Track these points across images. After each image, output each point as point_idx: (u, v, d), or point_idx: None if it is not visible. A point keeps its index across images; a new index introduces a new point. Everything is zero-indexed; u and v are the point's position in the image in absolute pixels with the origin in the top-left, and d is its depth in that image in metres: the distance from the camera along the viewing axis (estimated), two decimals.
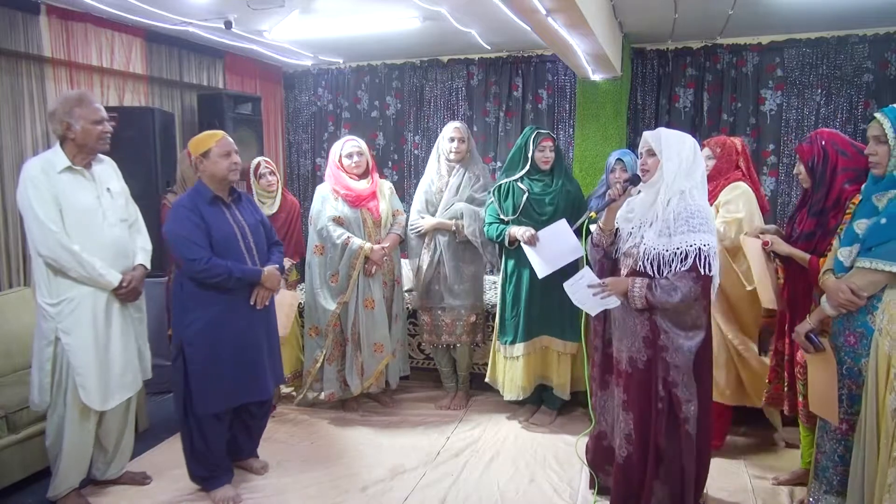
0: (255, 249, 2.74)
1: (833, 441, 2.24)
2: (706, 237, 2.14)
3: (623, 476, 2.41)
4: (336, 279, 3.52)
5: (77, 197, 2.53)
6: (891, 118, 2.01)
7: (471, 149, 3.65)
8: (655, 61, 5.08)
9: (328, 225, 3.49)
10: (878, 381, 1.99)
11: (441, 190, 3.63)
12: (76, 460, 2.64)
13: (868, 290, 2.02)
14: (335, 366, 3.63)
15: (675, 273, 2.15)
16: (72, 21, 3.95)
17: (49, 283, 2.51)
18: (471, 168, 3.63)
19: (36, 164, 2.52)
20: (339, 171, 3.54)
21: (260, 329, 2.78)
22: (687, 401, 2.22)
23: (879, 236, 1.98)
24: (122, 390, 2.69)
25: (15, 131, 3.80)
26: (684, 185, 2.20)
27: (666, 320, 2.22)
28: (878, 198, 2.05)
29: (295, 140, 6.20)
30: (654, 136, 2.28)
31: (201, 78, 5.07)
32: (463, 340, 3.67)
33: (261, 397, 2.84)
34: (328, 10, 3.97)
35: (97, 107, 2.57)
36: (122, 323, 2.69)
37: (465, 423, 3.59)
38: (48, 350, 2.54)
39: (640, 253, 2.24)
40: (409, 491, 2.86)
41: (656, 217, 2.22)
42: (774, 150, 4.87)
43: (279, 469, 3.04)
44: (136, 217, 2.83)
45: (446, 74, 5.61)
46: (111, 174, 2.74)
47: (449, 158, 3.59)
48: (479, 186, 3.63)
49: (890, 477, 1.94)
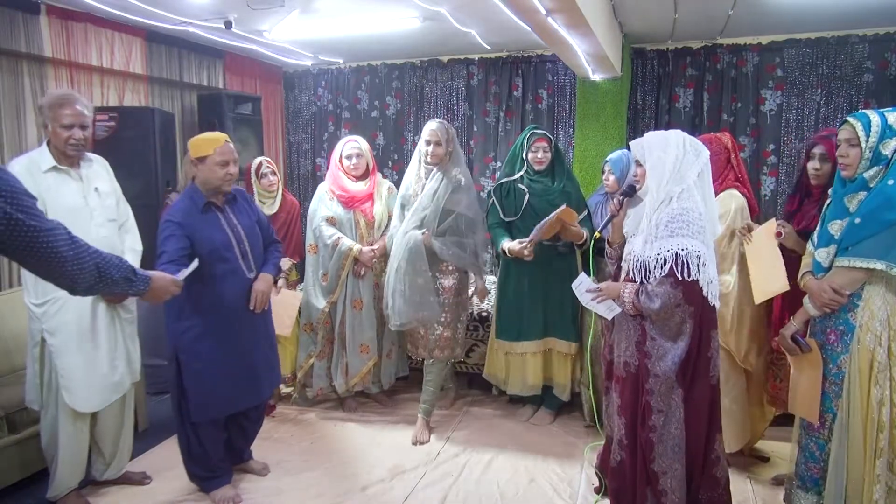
0: (251, 253, 2.70)
1: (808, 438, 2.30)
2: (685, 241, 2.08)
3: (616, 481, 2.40)
4: (326, 278, 3.53)
5: (63, 196, 2.49)
6: (863, 122, 2.11)
7: (451, 151, 3.35)
8: (655, 61, 5.08)
9: (321, 225, 3.51)
10: (861, 375, 2.10)
11: (417, 193, 3.38)
12: (72, 461, 2.63)
13: (849, 287, 2.12)
14: (324, 362, 3.65)
15: (656, 279, 2.13)
16: (72, 21, 3.95)
17: (35, 283, 2.49)
18: (450, 173, 3.33)
19: (20, 162, 2.49)
20: (338, 171, 3.55)
21: (256, 333, 2.76)
22: (658, 411, 2.19)
23: (855, 236, 2.10)
24: (109, 392, 2.65)
25: (15, 131, 3.80)
26: (674, 190, 2.16)
27: (653, 327, 2.20)
28: (850, 199, 2.15)
29: (295, 140, 6.20)
30: (637, 144, 2.26)
31: (201, 78, 5.07)
32: (436, 356, 3.39)
33: (256, 402, 2.84)
34: (328, 10, 3.97)
35: (74, 110, 2.47)
36: (110, 324, 2.64)
37: (465, 422, 3.59)
38: (35, 351, 2.54)
39: (631, 260, 2.25)
40: (409, 491, 2.86)
41: (644, 225, 2.22)
42: (774, 150, 4.87)
43: (279, 469, 3.04)
44: (126, 217, 2.79)
45: (446, 74, 5.61)
46: (101, 174, 2.68)
47: (426, 161, 3.37)
48: (466, 200, 3.32)
49: (878, 468, 2.05)
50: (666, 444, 2.20)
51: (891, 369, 2.06)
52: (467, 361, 3.96)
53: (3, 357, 3.15)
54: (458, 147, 3.42)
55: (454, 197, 3.29)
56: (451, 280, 3.36)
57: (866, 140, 2.09)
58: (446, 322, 3.37)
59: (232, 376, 2.65)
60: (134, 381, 2.81)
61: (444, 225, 3.30)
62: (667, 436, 2.20)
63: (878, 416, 2.06)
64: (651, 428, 2.21)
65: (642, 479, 2.28)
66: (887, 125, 2.08)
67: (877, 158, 2.09)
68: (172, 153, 4.37)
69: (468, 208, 3.32)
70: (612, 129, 4.78)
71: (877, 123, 2.09)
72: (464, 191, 3.33)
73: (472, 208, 3.35)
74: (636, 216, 2.31)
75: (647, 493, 2.29)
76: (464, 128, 5.63)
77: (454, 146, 3.37)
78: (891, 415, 2.06)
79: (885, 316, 2.08)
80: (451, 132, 3.36)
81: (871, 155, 2.09)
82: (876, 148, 2.08)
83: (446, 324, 3.37)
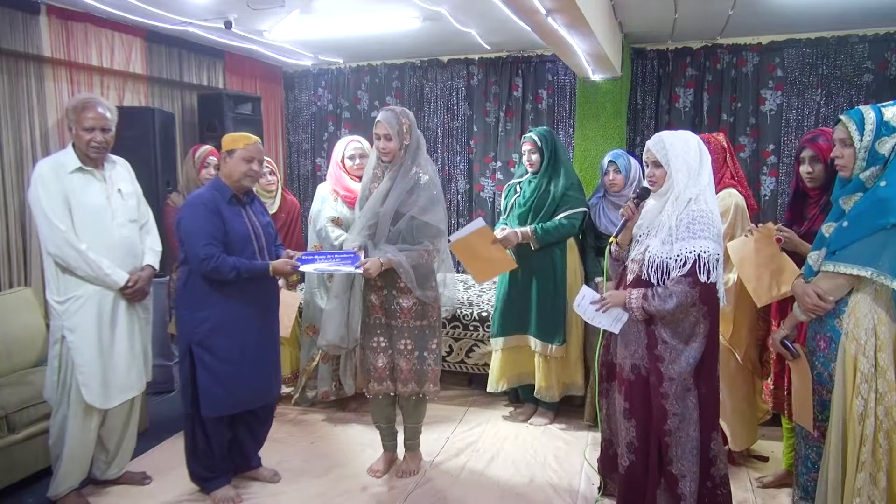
0: (266, 250, 2.76)
1: (807, 447, 2.24)
2: (706, 244, 2.10)
3: (626, 485, 2.39)
4: (332, 279, 3.52)
5: (87, 197, 2.57)
6: (856, 120, 1.99)
7: (406, 145, 2.74)
8: (655, 61, 5.09)
9: (326, 226, 3.49)
10: (846, 385, 1.99)
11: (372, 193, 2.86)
12: (78, 459, 2.65)
13: (833, 293, 2.01)
14: (330, 365, 3.64)
15: (673, 279, 2.13)
16: (72, 21, 3.96)
17: (57, 280, 2.55)
18: (407, 171, 2.74)
19: (47, 163, 2.57)
20: (340, 171, 3.54)
21: (267, 331, 2.77)
22: (674, 414, 2.19)
23: (842, 240, 1.99)
24: (126, 390, 2.70)
25: (15, 131, 3.80)
26: (693, 192, 2.18)
27: (665, 329, 2.20)
28: (845, 200, 2.05)
29: (295, 140, 6.20)
30: (658, 145, 2.23)
31: (201, 78, 5.07)
32: (400, 392, 2.86)
33: (268, 402, 2.85)
34: (328, 10, 3.97)
35: (96, 113, 2.56)
36: (129, 323, 2.70)
37: (465, 423, 3.59)
38: (55, 348, 2.57)
39: (645, 260, 2.23)
40: (410, 491, 2.86)
41: (663, 226, 2.21)
42: (774, 150, 4.87)
43: (279, 469, 3.03)
44: (147, 218, 2.87)
45: (446, 74, 5.61)
46: (124, 175, 2.77)
47: (381, 159, 2.80)
48: (421, 201, 2.71)
49: (859, 481, 1.95)
50: (684, 446, 2.20)
51: (876, 381, 1.95)
52: (467, 361, 3.96)
53: (4, 357, 3.15)
54: (418, 139, 2.79)
55: (410, 199, 2.72)
56: (410, 300, 2.79)
57: (860, 139, 1.97)
58: (406, 350, 2.81)
59: (244, 373, 2.66)
60: (148, 381, 2.86)
61: (393, 231, 2.74)
62: (685, 438, 2.20)
63: (862, 429, 1.95)
64: (667, 432, 2.21)
65: (654, 483, 2.28)
66: (883, 122, 1.95)
67: (873, 158, 1.96)
68: (172, 153, 4.37)
69: (423, 211, 2.71)
70: (612, 129, 4.79)
71: (871, 121, 1.96)
72: (422, 190, 2.73)
73: (429, 212, 2.72)
74: (645, 217, 2.32)
75: (661, 497, 2.28)
76: (464, 128, 5.63)
77: (412, 138, 2.76)
78: (874, 428, 1.95)
79: (870, 325, 1.96)
80: (405, 122, 2.73)
81: (867, 154, 1.97)
82: (871, 147, 1.96)
83: (405, 353, 2.81)
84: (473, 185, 5.65)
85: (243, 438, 2.90)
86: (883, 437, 1.95)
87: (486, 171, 5.58)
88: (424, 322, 2.84)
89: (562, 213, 3.28)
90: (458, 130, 5.65)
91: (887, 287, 1.92)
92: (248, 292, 2.65)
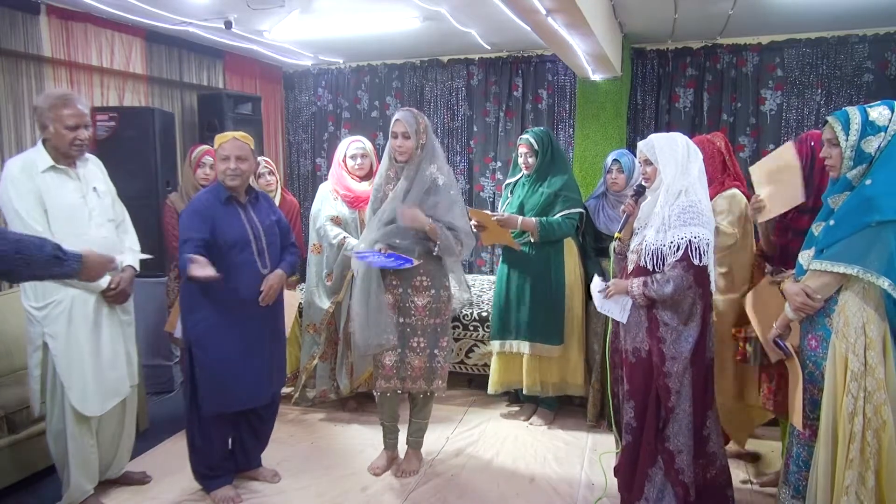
0: (268, 251, 2.72)
1: (798, 446, 2.25)
2: (697, 230, 2.25)
3: (624, 463, 2.51)
4: (331, 278, 3.53)
5: (62, 197, 2.46)
6: (842, 121, 2.05)
7: (423, 144, 2.79)
8: (655, 61, 5.09)
9: (325, 225, 3.49)
10: (836, 383, 2.02)
11: (387, 196, 2.86)
12: (84, 466, 2.59)
13: (822, 292, 2.04)
14: (328, 363, 3.65)
15: (669, 265, 2.27)
16: (72, 21, 3.96)
17: (35, 285, 2.44)
18: (423, 171, 2.79)
19: (17, 163, 2.44)
20: (341, 171, 3.54)
21: (267, 330, 2.76)
22: (676, 392, 2.31)
23: (829, 238, 2.03)
24: (112, 395, 2.63)
25: (15, 131, 3.80)
26: (682, 185, 2.33)
27: (666, 312, 2.34)
28: (834, 200, 2.09)
29: (295, 140, 6.20)
30: (647, 145, 2.42)
31: (201, 78, 5.07)
32: (407, 388, 2.89)
33: (267, 400, 2.83)
34: (328, 10, 3.97)
35: (77, 110, 2.44)
36: (111, 326, 2.62)
37: (465, 423, 3.60)
38: (36, 356, 2.49)
39: (643, 249, 2.37)
40: (410, 491, 2.86)
41: (657, 217, 2.36)
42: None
43: (280, 469, 3.03)
44: (123, 217, 2.77)
45: (446, 74, 5.61)
46: (97, 173, 2.67)
47: (396, 159, 2.84)
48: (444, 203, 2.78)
49: (847, 479, 1.97)
50: (681, 422, 2.32)
51: (865, 379, 1.97)
52: (467, 362, 3.97)
53: (4, 357, 3.15)
54: (433, 140, 2.85)
55: (429, 200, 2.76)
56: (425, 298, 2.84)
57: (846, 139, 2.02)
58: (419, 348, 2.86)
59: (243, 371, 2.65)
60: (133, 385, 2.78)
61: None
62: (682, 415, 2.32)
63: (851, 427, 1.97)
64: (670, 409, 2.33)
65: (647, 461, 2.38)
66: (868, 122, 2.00)
67: (860, 157, 2.01)
68: (172, 153, 4.37)
69: (447, 212, 2.78)
70: (612, 129, 4.79)
71: (857, 122, 2.01)
72: (442, 192, 2.78)
73: (453, 212, 2.79)
74: (643, 211, 2.48)
75: (656, 475, 2.37)
76: (464, 128, 5.63)
77: (427, 139, 2.81)
78: (863, 426, 1.97)
79: (860, 323, 1.98)
80: (422, 122, 2.80)
81: (853, 154, 2.02)
82: (857, 146, 2.01)
83: (418, 350, 2.85)
84: (473, 185, 5.65)
85: (246, 438, 2.90)
86: (871, 436, 1.97)
87: (486, 171, 5.58)
88: (438, 320, 2.87)
89: (559, 213, 3.29)
90: (458, 130, 5.65)
91: (876, 285, 1.95)
92: (249, 291, 2.65)
